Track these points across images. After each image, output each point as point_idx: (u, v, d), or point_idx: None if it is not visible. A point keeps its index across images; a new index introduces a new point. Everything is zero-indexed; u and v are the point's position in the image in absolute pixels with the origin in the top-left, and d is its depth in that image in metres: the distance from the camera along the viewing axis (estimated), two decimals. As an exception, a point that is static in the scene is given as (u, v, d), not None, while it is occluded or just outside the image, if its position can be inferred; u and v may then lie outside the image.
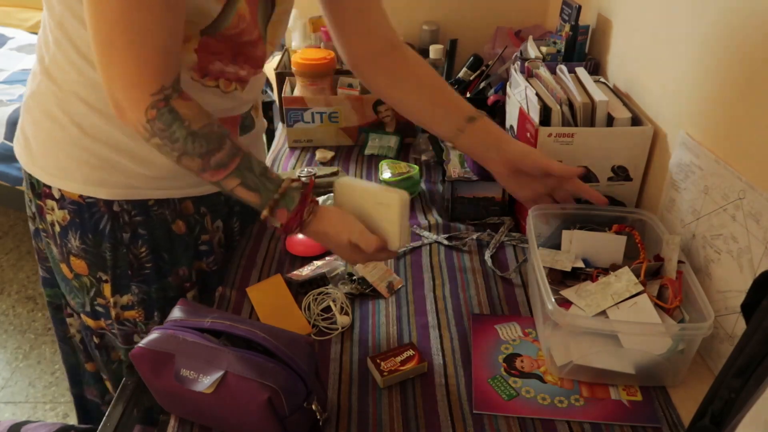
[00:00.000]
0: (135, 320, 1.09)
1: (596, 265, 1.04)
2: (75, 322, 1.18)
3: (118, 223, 1.01)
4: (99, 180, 0.98)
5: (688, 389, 0.91)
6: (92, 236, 1.01)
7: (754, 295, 0.64)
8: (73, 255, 1.04)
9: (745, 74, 0.87)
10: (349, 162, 1.55)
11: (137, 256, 1.04)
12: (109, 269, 1.04)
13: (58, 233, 1.03)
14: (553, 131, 1.10)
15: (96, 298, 1.08)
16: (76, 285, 1.08)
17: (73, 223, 1.01)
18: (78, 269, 1.05)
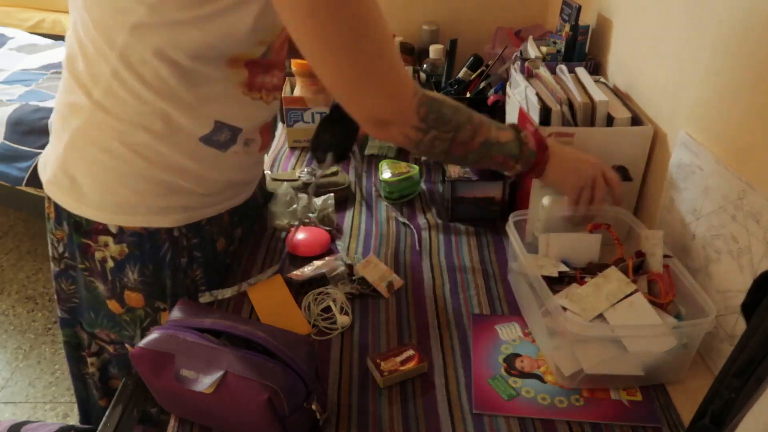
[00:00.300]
0: None
1: (575, 266, 1.04)
2: (97, 360, 1.16)
3: (178, 249, 1.02)
4: (162, 209, 0.98)
5: (688, 389, 0.91)
6: (152, 266, 1.01)
7: (754, 295, 0.64)
8: (129, 289, 1.02)
9: (746, 74, 0.87)
10: (349, 162, 1.55)
11: (194, 281, 1.06)
12: (168, 297, 1.04)
13: (110, 269, 1.01)
14: (553, 131, 1.10)
15: (149, 327, 1.06)
16: (126, 319, 1.06)
17: (132, 256, 0.99)
18: (132, 303, 1.04)
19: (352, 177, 1.48)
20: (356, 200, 1.40)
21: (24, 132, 2.31)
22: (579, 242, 1.05)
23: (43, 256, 2.68)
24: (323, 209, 1.28)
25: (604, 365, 0.90)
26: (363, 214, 1.34)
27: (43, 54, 3.02)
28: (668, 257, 0.97)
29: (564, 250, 1.05)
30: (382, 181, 1.37)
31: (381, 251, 1.22)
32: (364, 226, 1.30)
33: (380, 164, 1.41)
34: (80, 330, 1.14)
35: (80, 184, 0.96)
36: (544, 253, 1.05)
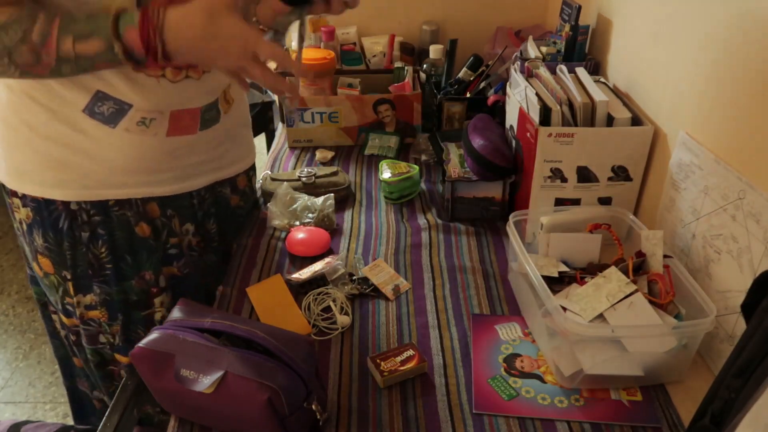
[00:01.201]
0: (99, 320, 1.08)
1: (575, 266, 1.04)
2: (58, 318, 1.16)
3: (77, 222, 1.00)
4: (55, 181, 0.97)
5: (688, 389, 0.91)
6: (53, 235, 1.01)
7: (754, 295, 0.64)
8: (40, 253, 1.04)
9: (746, 74, 0.87)
10: (349, 162, 1.55)
11: (97, 257, 1.03)
12: (70, 268, 1.03)
13: (25, 231, 1.04)
14: (553, 131, 1.10)
15: (64, 297, 1.07)
16: (46, 283, 1.08)
17: (35, 222, 1.01)
18: (45, 268, 1.05)
19: (352, 177, 1.48)
20: (356, 200, 1.40)
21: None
22: (579, 242, 1.05)
23: (43, 256, 2.68)
24: (323, 209, 1.28)
25: (604, 365, 0.89)
26: (363, 214, 1.34)
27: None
28: (668, 257, 0.97)
29: (564, 250, 1.05)
30: (382, 181, 1.37)
31: (381, 251, 1.22)
32: (364, 226, 1.30)
33: (380, 164, 1.41)
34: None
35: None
36: (544, 253, 1.05)
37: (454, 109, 1.55)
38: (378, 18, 1.86)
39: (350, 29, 1.84)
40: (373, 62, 1.83)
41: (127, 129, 0.95)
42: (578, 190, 1.16)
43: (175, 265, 1.12)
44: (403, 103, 1.57)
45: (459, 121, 1.56)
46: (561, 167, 1.13)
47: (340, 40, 1.82)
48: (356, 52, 1.82)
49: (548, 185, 1.15)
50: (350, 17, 1.86)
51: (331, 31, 1.74)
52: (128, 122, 0.95)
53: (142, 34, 0.79)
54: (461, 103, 1.54)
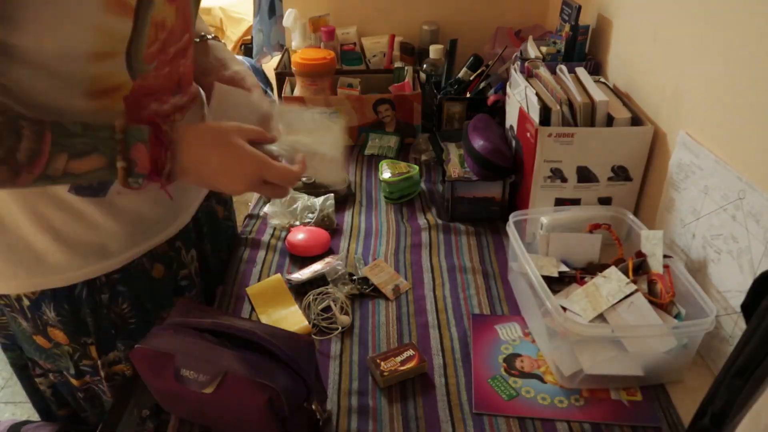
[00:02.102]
0: (124, 372, 1.01)
1: (575, 266, 1.04)
2: (45, 380, 1.07)
3: (95, 287, 0.91)
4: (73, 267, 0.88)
5: (688, 389, 0.91)
6: (68, 306, 0.91)
7: (754, 295, 0.64)
8: (50, 326, 0.93)
9: (745, 74, 0.87)
10: (349, 162, 1.55)
11: (120, 315, 0.96)
12: (92, 333, 0.94)
13: (27, 307, 0.91)
14: (553, 131, 1.10)
15: (81, 360, 0.98)
16: (57, 353, 0.97)
17: (45, 295, 0.89)
18: (58, 339, 0.94)
19: (352, 177, 1.48)
20: (356, 200, 1.40)
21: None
22: (579, 242, 1.05)
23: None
24: (323, 209, 1.28)
25: (604, 365, 0.89)
26: (363, 214, 1.34)
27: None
28: (668, 257, 0.97)
29: (564, 250, 1.05)
30: (382, 181, 1.37)
31: (381, 251, 1.22)
32: (364, 226, 1.30)
33: (380, 164, 1.41)
34: (22, 355, 1.04)
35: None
36: (544, 253, 1.05)
37: (454, 109, 1.55)
38: (378, 18, 1.86)
39: (350, 29, 1.84)
40: (373, 62, 1.83)
41: (118, 192, 0.87)
42: (578, 190, 1.16)
43: (187, 296, 1.06)
44: (403, 103, 1.57)
45: (459, 121, 1.56)
46: (561, 167, 1.13)
47: (340, 40, 1.82)
48: (356, 52, 1.82)
49: (548, 185, 1.15)
50: (350, 17, 1.86)
51: (331, 31, 1.74)
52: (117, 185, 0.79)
53: (155, 155, 0.74)
54: (461, 103, 1.54)
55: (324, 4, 1.83)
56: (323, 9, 1.82)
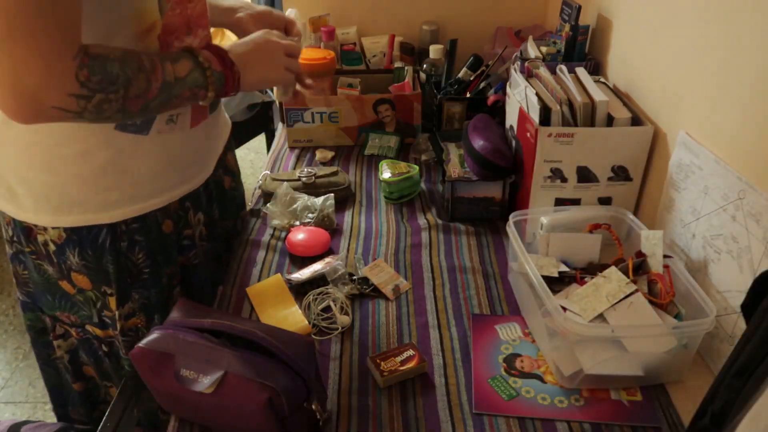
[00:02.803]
0: (137, 327, 1.07)
1: (575, 266, 1.04)
2: (64, 343, 1.14)
3: (116, 234, 0.99)
4: (98, 207, 0.96)
5: (688, 389, 0.91)
6: (92, 252, 0.98)
7: (754, 295, 0.64)
8: (74, 271, 1.00)
9: (746, 74, 0.87)
10: (349, 162, 1.55)
11: (135, 264, 1.03)
12: (113, 282, 1.01)
13: (53, 252, 0.99)
14: (553, 131, 1.10)
15: (103, 310, 1.05)
16: (80, 299, 1.05)
17: (70, 241, 0.97)
18: (81, 284, 1.02)
19: (352, 177, 1.48)
20: (356, 200, 1.40)
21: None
22: (579, 242, 1.05)
23: (43, 256, 2.68)
24: (323, 209, 1.28)
25: (604, 365, 0.89)
26: (363, 214, 1.34)
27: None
28: (668, 257, 0.97)
29: (564, 250, 1.05)
30: (382, 181, 1.37)
31: (381, 251, 1.22)
32: (364, 226, 1.30)
33: (380, 164, 1.41)
34: (42, 314, 1.12)
35: (17, 194, 0.96)
36: (544, 253, 1.05)
37: (454, 109, 1.55)
38: (378, 18, 1.86)
39: (350, 29, 1.84)
40: (373, 62, 1.83)
41: (159, 131, 0.96)
42: (578, 190, 1.16)
43: (186, 255, 1.13)
44: (403, 103, 1.57)
45: (459, 121, 1.56)
46: (561, 167, 1.13)
47: (340, 40, 1.82)
48: (356, 52, 1.82)
49: (548, 185, 1.15)
50: (350, 17, 1.86)
51: (331, 31, 1.74)
52: (159, 123, 0.96)
53: (214, 51, 0.92)
54: (461, 103, 1.54)
55: (324, 4, 1.83)
56: (323, 9, 1.82)
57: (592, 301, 0.92)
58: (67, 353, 1.15)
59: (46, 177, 0.93)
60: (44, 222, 0.96)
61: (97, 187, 0.95)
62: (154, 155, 0.97)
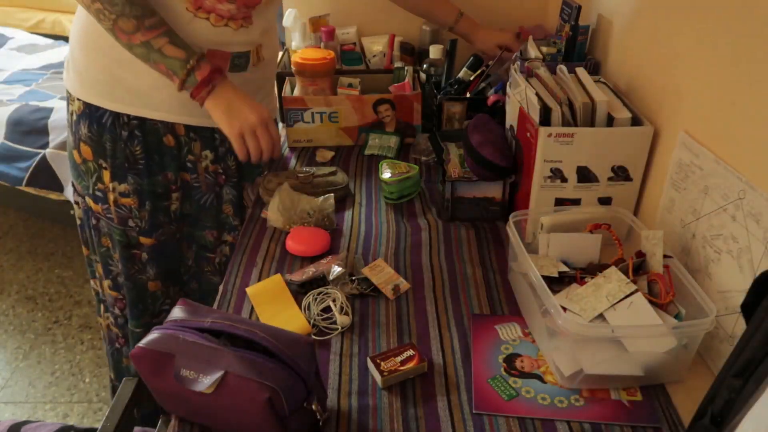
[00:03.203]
0: (130, 206, 1.31)
1: (575, 266, 1.04)
2: (78, 210, 1.42)
3: (119, 122, 1.24)
4: (106, 94, 1.22)
5: (688, 389, 0.91)
6: (96, 127, 1.25)
7: (754, 295, 0.64)
8: (82, 141, 1.27)
9: (746, 74, 0.87)
10: (349, 162, 1.55)
11: (133, 153, 1.27)
12: (108, 158, 1.27)
13: (73, 121, 1.28)
14: (553, 131, 1.10)
15: (97, 183, 1.30)
16: (83, 169, 1.31)
17: (84, 114, 1.25)
18: (85, 155, 1.29)
19: (352, 177, 1.48)
20: (356, 200, 1.40)
21: (24, 132, 2.31)
22: (579, 242, 1.05)
23: (43, 256, 2.68)
24: (323, 209, 1.28)
25: (604, 365, 0.90)
26: (363, 214, 1.34)
27: (43, 54, 3.01)
28: (668, 257, 0.97)
29: (564, 250, 1.05)
30: (382, 181, 1.37)
31: (381, 251, 1.22)
32: (364, 226, 1.30)
33: (380, 164, 1.41)
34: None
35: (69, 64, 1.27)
36: (544, 253, 1.05)
37: (454, 109, 1.55)
38: (378, 18, 1.86)
39: (350, 29, 1.84)
40: (373, 62, 1.83)
41: None
42: (578, 190, 1.16)
43: (189, 174, 1.35)
44: (403, 103, 1.57)
45: (459, 121, 1.56)
46: (561, 167, 1.13)
47: (340, 40, 1.82)
48: (356, 52, 1.82)
49: (548, 185, 1.16)
50: (350, 17, 1.86)
51: (331, 31, 1.74)
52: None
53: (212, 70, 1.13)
54: (461, 103, 1.54)
55: (324, 4, 1.83)
56: (323, 9, 1.82)
57: (592, 301, 0.92)
58: (79, 219, 1.44)
59: (85, 54, 1.22)
60: (73, 90, 1.26)
61: (112, 77, 1.20)
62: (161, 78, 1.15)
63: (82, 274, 2.56)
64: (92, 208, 1.35)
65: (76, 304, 2.42)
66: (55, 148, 2.26)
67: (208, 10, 1.15)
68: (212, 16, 1.16)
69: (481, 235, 1.27)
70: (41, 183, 2.28)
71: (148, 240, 1.36)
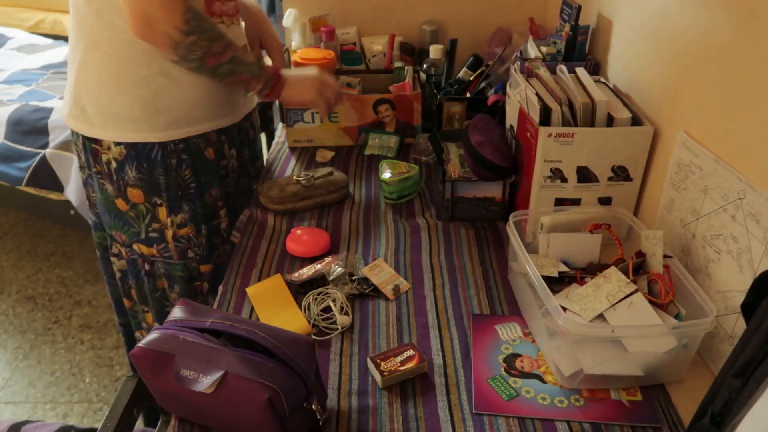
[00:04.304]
0: (188, 236, 1.30)
1: (575, 266, 1.04)
2: (118, 262, 1.38)
3: (167, 151, 1.22)
4: (150, 127, 1.19)
5: (688, 389, 0.92)
6: (147, 165, 1.21)
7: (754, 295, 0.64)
8: (130, 186, 1.24)
9: (746, 74, 0.87)
10: (349, 162, 1.55)
11: (183, 179, 1.25)
12: (163, 192, 1.24)
13: (114, 169, 1.23)
14: (553, 131, 1.10)
15: (151, 224, 1.27)
16: (132, 215, 1.27)
17: (129, 156, 1.21)
18: (135, 198, 1.25)
19: (352, 177, 1.48)
20: (356, 200, 1.40)
21: (24, 132, 2.31)
22: (579, 242, 1.05)
23: (43, 255, 2.68)
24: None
25: (604, 365, 0.90)
26: (363, 214, 1.34)
27: (43, 54, 3.01)
28: (668, 257, 0.97)
29: (564, 250, 1.05)
30: (382, 181, 1.37)
31: (381, 251, 1.22)
32: (364, 226, 1.30)
33: (380, 164, 1.41)
34: (105, 233, 1.36)
35: (88, 112, 1.19)
36: (544, 253, 1.05)
37: (454, 109, 1.55)
38: (378, 18, 1.86)
39: (350, 29, 1.84)
40: (373, 62, 1.83)
41: None
42: (578, 190, 1.16)
43: (225, 184, 1.36)
44: (403, 103, 1.57)
45: (459, 121, 1.56)
46: (561, 167, 1.13)
47: (340, 40, 1.82)
48: (356, 52, 1.82)
49: (548, 185, 1.16)
50: (350, 17, 1.86)
51: (331, 31, 1.74)
52: None
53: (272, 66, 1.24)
54: (461, 103, 1.54)
55: (324, 4, 1.83)
56: (323, 9, 1.82)
57: (592, 301, 0.92)
58: (120, 272, 1.39)
59: (116, 98, 1.17)
60: (109, 136, 1.20)
61: (154, 108, 1.18)
62: (197, 88, 1.20)
63: (82, 274, 2.56)
64: (144, 253, 1.32)
65: (76, 304, 2.42)
66: (55, 148, 2.26)
67: (220, 13, 1.18)
68: (224, 18, 1.20)
69: (481, 235, 1.27)
70: (41, 183, 2.28)
71: (207, 267, 1.36)
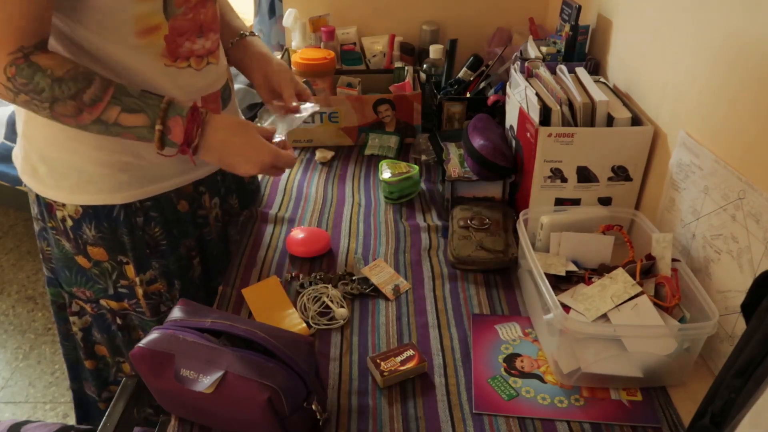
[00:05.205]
0: (160, 291, 1.16)
1: (585, 266, 1.04)
2: (79, 320, 1.21)
3: (131, 210, 1.07)
4: (113, 188, 1.04)
5: (688, 389, 0.91)
6: (107, 224, 1.06)
7: (754, 295, 0.64)
8: (90, 244, 1.08)
9: (746, 74, 0.87)
10: (349, 162, 1.55)
11: (153, 237, 1.11)
12: (129, 251, 1.10)
13: (70, 227, 1.07)
14: (553, 131, 1.10)
15: (119, 280, 1.13)
16: (96, 272, 1.12)
17: (86, 216, 1.05)
18: (97, 257, 1.10)
19: (351, 177, 1.48)
20: (356, 200, 1.40)
21: (24, 132, 2.31)
22: (591, 243, 1.04)
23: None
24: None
25: (603, 364, 0.89)
26: (363, 214, 1.34)
27: (43, 54, 3.01)
28: (677, 261, 0.96)
29: (575, 250, 1.05)
30: (382, 181, 1.37)
31: (381, 251, 1.22)
32: (364, 226, 1.30)
33: (380, 164, 1.41)
34: (62, 290, 1.20)
35: (39, 172, 1.04)
36: (555, 251, 1.05)
37: (454, 109, 1.55)
38: (378, 18, 1.86)
39: (350, 29, 1.84)
40: (373, 62, 1.83)
41: None
42: (578, 190, 1.16)
43: (203, 231, 1.21)
44: (403, 103, 1.57)
45: (459, 121, 1.56)
46: (561, 167, 1.13)
47: (340, 40, 1.82)
48: (356, 52, 1.82)
49: (548, 185, 1.16)
50: (350, 17, 1.86)
51: (331, 31, 1.74)
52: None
53: (187, 127, 0.92)
54: (461, 103, 1.54)
55: (324, 4, 1.83)
56: (323, 9, 1.82)
57: (597, 301, 0.92)
58: (81, 331, 1.23)
59: (66, 157, 1.01)
60: (62, 198, 1.05)
61: (111, 169, 1.02)
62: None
63: (82, 274, 2.56)
64: (114, 308, 1.17)
65: (76, 304, 2.42)
66: (55, 148, 2.26)
67: (186, 56, 1.00)
68: (192, 60, 1.02)
69: (481, 235, 1.27)
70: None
71: None
